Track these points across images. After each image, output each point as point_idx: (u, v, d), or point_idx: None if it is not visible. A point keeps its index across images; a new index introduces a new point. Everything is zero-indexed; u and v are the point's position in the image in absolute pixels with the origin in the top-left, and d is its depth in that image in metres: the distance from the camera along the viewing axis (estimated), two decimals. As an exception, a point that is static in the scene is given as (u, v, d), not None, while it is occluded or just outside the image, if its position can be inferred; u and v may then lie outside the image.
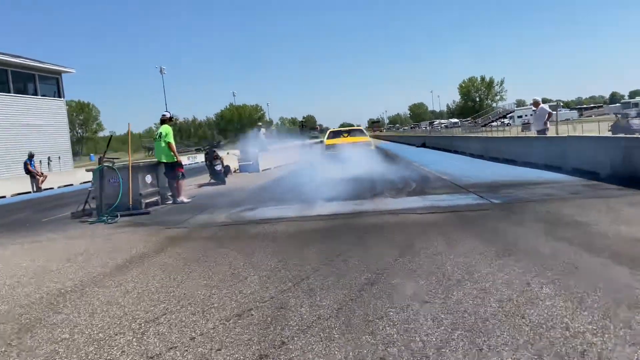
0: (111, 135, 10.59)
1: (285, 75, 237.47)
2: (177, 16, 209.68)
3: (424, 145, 30.67)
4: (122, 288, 4.35)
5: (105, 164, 9.27)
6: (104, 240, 6.75)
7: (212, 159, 14.35)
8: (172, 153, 10.20)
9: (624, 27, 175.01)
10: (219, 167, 14.20)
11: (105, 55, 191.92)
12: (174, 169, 10.27)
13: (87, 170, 10.00)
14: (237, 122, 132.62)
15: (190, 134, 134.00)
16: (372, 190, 10.02)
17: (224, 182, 14.26)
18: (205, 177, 15.40)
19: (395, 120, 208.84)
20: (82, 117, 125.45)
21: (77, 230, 7.86)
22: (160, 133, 10.38)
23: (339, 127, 31.44)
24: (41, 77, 26.35)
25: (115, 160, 9.52)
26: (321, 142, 23.03)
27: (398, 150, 28.27)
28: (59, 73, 27.55)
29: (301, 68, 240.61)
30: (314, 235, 5.91)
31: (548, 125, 15.06)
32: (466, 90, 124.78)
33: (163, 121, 10.64)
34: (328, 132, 22.36)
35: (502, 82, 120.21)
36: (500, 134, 45.84)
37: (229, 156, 22.11)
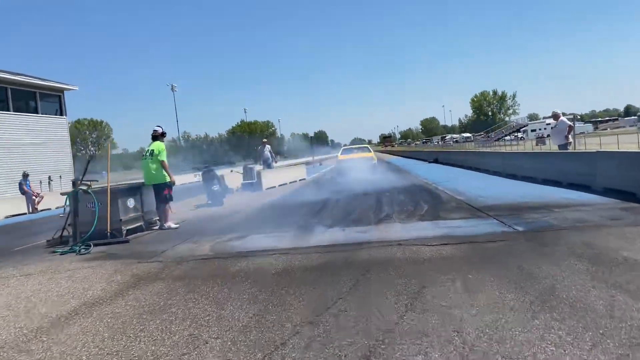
0: (90, 156, 9.65)
1: (296, 90, 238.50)
2: (189, 33, 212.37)
3: (436, 161, 29.58)
4: (47, 355, 3.38)
5: (80, 187, 8.38)
6: (63, 279, 5.80)
7: (209, 179, 13.43)
8: (164, 173, 9.28)
9: (637, 39, 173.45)
10: (216, 188, 13.28)
11: (119, 74, 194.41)
12: (164, 191, 9.35)
13: (62, 194, 9.11)
14: (248, 138, 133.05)
15: (203, 151, 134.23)
16: (379, 213, 9.01)
17: (221, 204, 13.32)
18: (204, 198, 14.48)
19: (407, 135, 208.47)
20: (95, 134, 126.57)
21: (42, 264, 6.92)
22: (152, 151, 9.47)
23: (350, 145, 36.83)
24: (42, 94, 25.81)
25: (92, 183, 8.62)
26: (335, 156, 27.19)
27: (410, 167, 27.22)
28: (61, 90, 27.00)
29: (313, 83, 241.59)
30: (304, 276, 4.90)
31: (570, 139, 14.00)
32: (478, 104, 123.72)
33: (155, 137, 9.72)
34: (341, 149, 26.55)
35: (514, 95, 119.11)
36: (515, 149, 44.63)
37: (232, 174, 21.25)
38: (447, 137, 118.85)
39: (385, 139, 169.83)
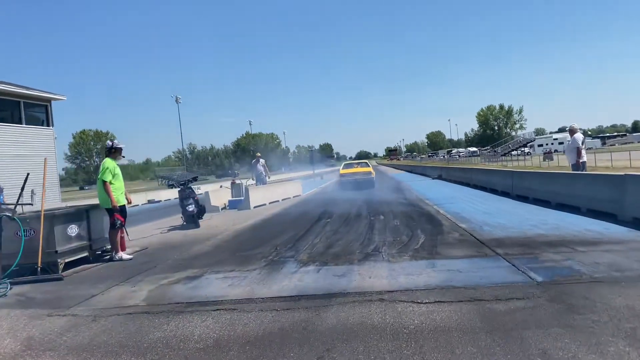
0: (27, 174, 8.35)
1: (303, 103, 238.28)
2: (197, 46, 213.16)
3: (440, 178, 28.17)
4: None
5: (4, 213, 7.05)
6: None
7: (184, 197, 12.05)
8: (107, 195, 7.95)
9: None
10: (190, 208, 11.88)
11: (126, 86, 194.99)
12: (111, 216, 8.02)
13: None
14: (253, 151, 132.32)
15: (208, 162, 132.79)
16: (367, 245, 7.62)
17: (197, 225, 11.94)
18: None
19: (412, 149, 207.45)
20: (99, 145, 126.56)
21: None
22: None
23: (354, 159, 38.82)
24: (27, 104, 24.55)
25: (21, 206, 7.27)
26: (338, 170, 27.57)
27: (412, 183, 25.79)
28: (48, 100, 25.71)
29: (320, 96, 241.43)
30: (239, 358, 3.50)
31: (584, 157, 12.44)
32: (484, 118, 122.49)
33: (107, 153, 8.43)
34: (343, 163, 27.84)
35: (520, 110, 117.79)
36: (522, 164, 43.06)
37: (222, 190, 19.90)
38: (453, 152, 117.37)
39: (391, 152, 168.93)
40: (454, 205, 12.42)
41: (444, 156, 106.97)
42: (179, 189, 12.74)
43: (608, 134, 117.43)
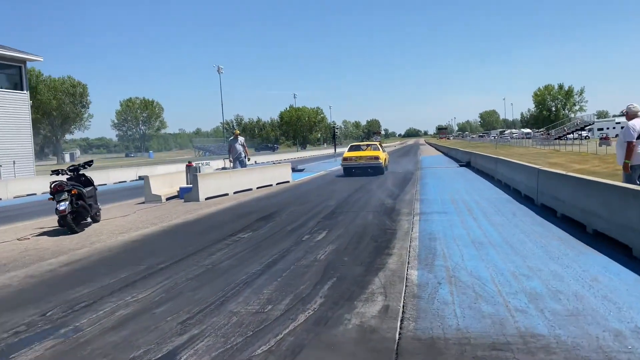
0: None
1: (351, 78, 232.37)
2: (249, 18, 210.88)
3: (468, 165, 23.96)
4: None
5: None
6: None
7: (55, 191, 8.63)
8: None
9: None
10: (62, 207, 8.47)
11: (181, 56, 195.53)
12: None
13: None
14: (296, 124, 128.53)
15: (255, 134, 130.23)
16: (261, 309, 4.00)
17: (72, 231, 8.61)
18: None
19: (464, 128, 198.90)
20: (145, 114, 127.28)
21: None
22: None
23: (404, 136, 34.01)
24: (-2, 65, 22.01)
25: None
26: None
27: (430, 172, 21.76)
28: (23, 61, 23.00)
29: (369, 71, 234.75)
30: None
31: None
32: (541, 98, 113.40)
33: None
34: (349, 145, 23.40)
35: (581, 91, 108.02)
36: (575, 149, 37.50)
37: (177, 174, 16.43)
38: (505, 132, 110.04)
39: (441, 131, 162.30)
40: (442, 220, 8.45)
41: (494, 137, 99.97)
42: (68, 176, 9.42)
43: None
